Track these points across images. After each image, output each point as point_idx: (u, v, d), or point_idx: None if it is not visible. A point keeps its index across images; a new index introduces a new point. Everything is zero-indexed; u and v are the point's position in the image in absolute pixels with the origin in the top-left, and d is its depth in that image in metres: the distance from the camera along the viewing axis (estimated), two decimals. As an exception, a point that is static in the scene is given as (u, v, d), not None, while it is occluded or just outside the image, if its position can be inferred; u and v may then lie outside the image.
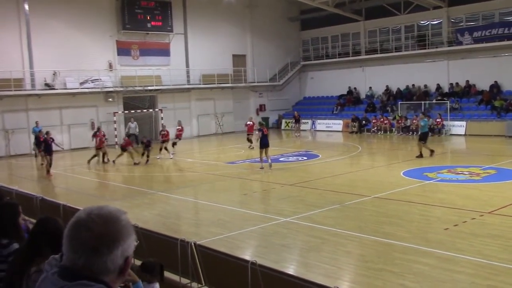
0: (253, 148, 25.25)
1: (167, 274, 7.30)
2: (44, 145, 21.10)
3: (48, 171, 20.43)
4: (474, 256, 8.52)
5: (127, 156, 23.39)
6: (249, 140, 26.74)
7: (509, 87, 30.21)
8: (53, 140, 21.59)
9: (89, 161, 23.24)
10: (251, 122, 27.67)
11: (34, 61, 29.07)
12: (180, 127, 26.25)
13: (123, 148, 23.41)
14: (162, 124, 28.33)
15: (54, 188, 18.07)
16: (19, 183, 17.28)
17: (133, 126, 29.97)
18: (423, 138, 21.07)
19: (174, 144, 25.14)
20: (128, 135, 27.15)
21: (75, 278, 1.75)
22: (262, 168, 19.31)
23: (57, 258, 1.88)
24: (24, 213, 4.52)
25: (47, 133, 21.57)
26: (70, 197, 14.83)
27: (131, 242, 1.83)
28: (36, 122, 27.35)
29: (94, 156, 23.50)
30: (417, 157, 20.69)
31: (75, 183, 19.42)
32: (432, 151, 20.78)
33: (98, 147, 23.52)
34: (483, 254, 8.62)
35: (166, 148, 24.17)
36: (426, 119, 22.32)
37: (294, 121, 34.51)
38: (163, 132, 24.54)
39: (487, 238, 9.56)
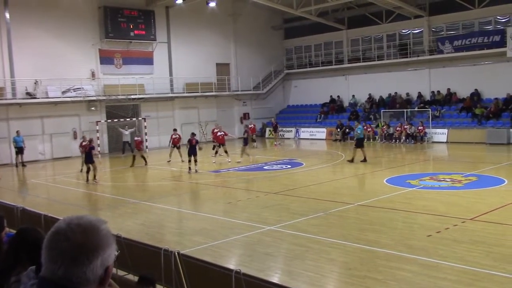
0: (256, 147, 30.17)
1: (150, 284, 7.24)
2: (85, 154, 20.55)
3: (94, 176, 20.15)
4: (457, 263, 8.59)
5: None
6: (253, 140, 30.84)
7: (489, 95, 30.67)
8: (93, 148, 20.98)
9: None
10: (253, 125, 31.67)
11: (15, 70, 28.76)
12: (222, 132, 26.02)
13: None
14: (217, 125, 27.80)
15: (35, 198, 17.83)
16: (-1, 193, 17.02)
17: (127, 133, 29.85)
18: (359, 144, 22.45)
19: (215, 150, 25.62)
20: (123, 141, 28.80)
21: (54, 289, 1.72)
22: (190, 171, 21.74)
23: (34, 269, 1.85)
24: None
25: (90, 141, 20.98)
26: (51, 207, 14.66)
27: (112, 252, 1.81)
28: (17, 132, 27.02)
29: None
30: (348, 161, 22.46)
31: (56, 193, 19.19)
32: (365, 158, 22.22)
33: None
34: (465, 260, 8.70)
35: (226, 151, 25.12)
36: (360, 126, 23.49)
37: (273, 129, 35.50)
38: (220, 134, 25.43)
39: (469, 244, 9.65)
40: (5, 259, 3.29)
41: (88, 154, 20.33)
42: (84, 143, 23.57)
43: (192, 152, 21.58)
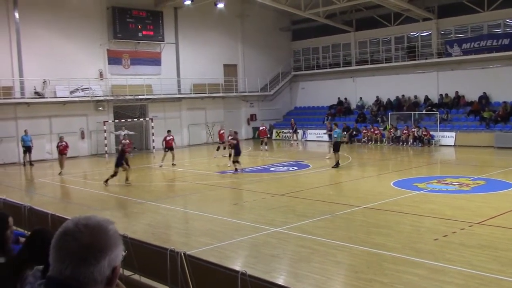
0: (267, 150, 30.26)
1: (156, 284, 7.26)
2: (118, 156, 20.05)
3: (126, 178, 19.78)
4: (464, 267, 8.54)
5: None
6: (264, 143, 30.87)
7: (497, 98, 30.51)
8: (125, 151, 20.58)
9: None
10: (264, 127, 31.76)
11: (24, 69, 28.94)
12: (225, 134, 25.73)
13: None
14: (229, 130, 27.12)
15: (43, 197, 17.91)
16: (7, 192, 17.08)
17: (123, 134, 29.51)
18: (336, 148, 22.19)
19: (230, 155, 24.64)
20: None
21: (62, 289, 1.73)
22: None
23: (40, 269, 1.86)
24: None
25: (124, 144, 20.82)
26: (58, 207, 14.73)
27: (119, 253, 1.81)
28: (25, 131, 27.17)
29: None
30: (332, 167, 21.75)
31: (63, 192, 19.26)
32: (338, 164, 21.83)
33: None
34: (472, 264, 8.65)
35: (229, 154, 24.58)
36: (337, 130, 23.22)
37: (291, 129, 35.14)
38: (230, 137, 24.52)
39: (476, 248, 9.60)
40: (18, 257, 3.32)
41: (120, 157, 19.74)
42: (60, 144, 23.56)
43: (239, 151, 21.77)
